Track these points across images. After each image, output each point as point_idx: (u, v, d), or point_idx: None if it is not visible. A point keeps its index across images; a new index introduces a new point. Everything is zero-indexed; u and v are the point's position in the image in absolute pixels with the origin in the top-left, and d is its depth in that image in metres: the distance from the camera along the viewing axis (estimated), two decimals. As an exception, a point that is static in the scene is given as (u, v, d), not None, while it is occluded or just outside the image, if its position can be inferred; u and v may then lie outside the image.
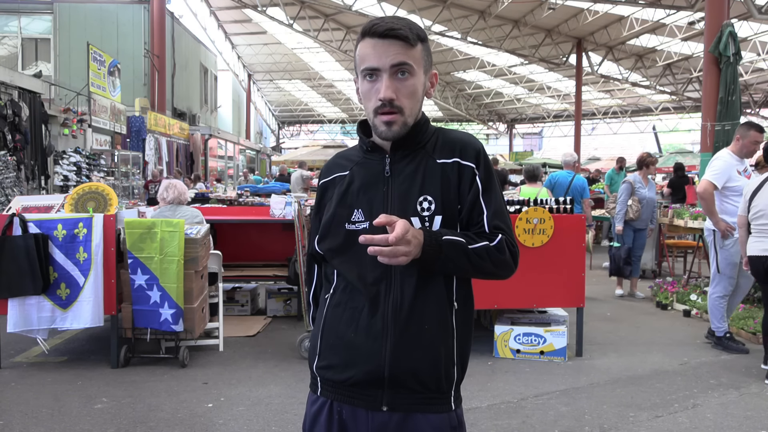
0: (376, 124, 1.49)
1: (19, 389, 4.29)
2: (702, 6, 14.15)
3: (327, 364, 1.56)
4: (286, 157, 27.60)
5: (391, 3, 21.15)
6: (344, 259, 1.54)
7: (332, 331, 1.55)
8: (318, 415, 1.57)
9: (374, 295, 1.49)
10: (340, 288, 1.56)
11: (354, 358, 1.50)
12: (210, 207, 8.43)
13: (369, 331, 1.49)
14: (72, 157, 12.64)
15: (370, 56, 1.47)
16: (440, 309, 1.51)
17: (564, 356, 4.98)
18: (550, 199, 5.24)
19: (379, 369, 1.48)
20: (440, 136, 1.57)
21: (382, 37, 1.46)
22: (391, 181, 1.52)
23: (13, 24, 19.07)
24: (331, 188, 1.60)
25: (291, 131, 49.20)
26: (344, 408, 1.53)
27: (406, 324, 1.48)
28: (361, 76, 1.51)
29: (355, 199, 1.54)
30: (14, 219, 4.55)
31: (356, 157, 1.60)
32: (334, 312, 1.55)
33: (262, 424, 3.70)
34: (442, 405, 1.52)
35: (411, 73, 1.48)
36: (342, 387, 1.53)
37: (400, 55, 1.46)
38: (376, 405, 1.50)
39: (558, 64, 25.11)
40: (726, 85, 8.72)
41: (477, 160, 1.54)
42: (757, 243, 4.54)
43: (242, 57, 33.02)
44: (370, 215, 1.50)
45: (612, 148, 39.54)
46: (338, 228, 1.54)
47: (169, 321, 4.59)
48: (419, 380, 1.49)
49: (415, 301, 1.48)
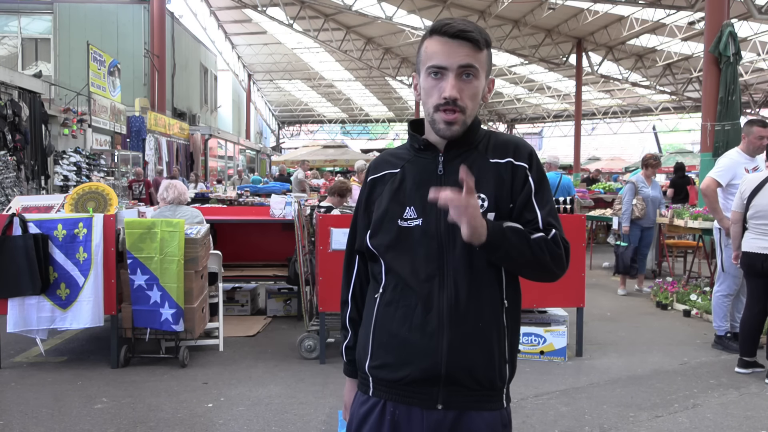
0: (436, 119, 1.51)
1: (19, 389, 4.29)
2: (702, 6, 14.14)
3: (381, 363, 1.54)
4: (286, 157, 27.58)
5: (391, 3, 21.13)
6: (396, 254, 1.54)
7: (384, 330, 1.54)
8: (368, 416, 1.56)
9: (428, 292, 1.49)
10: (390, 286, 1.55)
11: (409, 356, 1.50)
12: (210, 207, 8.44)
13: (424, 329, 1.49)
14: (72, 157, 12.64)
15: (439, 55, 1.49)
16: (493, 307, 1.52)
17: (564, 356, 4.98)
18: None
19: (435, 366, 1.48)
20: (492, 137, 1.60)
21: (453, 37, 1.48)
22: (445, 180, 1.53)
23: (13, 24, 19.07)
24: (380, 185, 1.61)
25: (291, 131, 49.20)
26: (398, 408, 1.53)
27: (461, 321, 1.48)
28: (425, 72, 1.52)
29: (407, 197, 1.55)
30: (14, 219, 4.55)
31: (407, 155, 1.62)
32: (386, 311, 1.55)
33: (262, 424, 3.70)
34: (496, 402, 1.53)
35: (475, 76, 1.50)
36: (397, 386, 1.52)
37: (469, 57, 1.48)
38: (431, 403, 1.50)
39: (558, 64, 25.10)
40: (726, 85, 8.73)
41: (530, 161, 1.57)
42: (755, 240, 4.54)
43: (242, 57, 33.01)
44: (423, 212, 1.52)
45: (612, 148, 39.56)
46: (390, 224, 1.55)
47: (170, 321, 4.59)
48: (475, 378, 1.49)
49: (468, 299, 1.49)
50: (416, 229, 1.52)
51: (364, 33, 26.32)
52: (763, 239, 4.49)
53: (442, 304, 1.48)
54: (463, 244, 1.48)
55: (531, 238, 1.48)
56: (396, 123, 46.23)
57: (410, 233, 1.52)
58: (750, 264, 4.60)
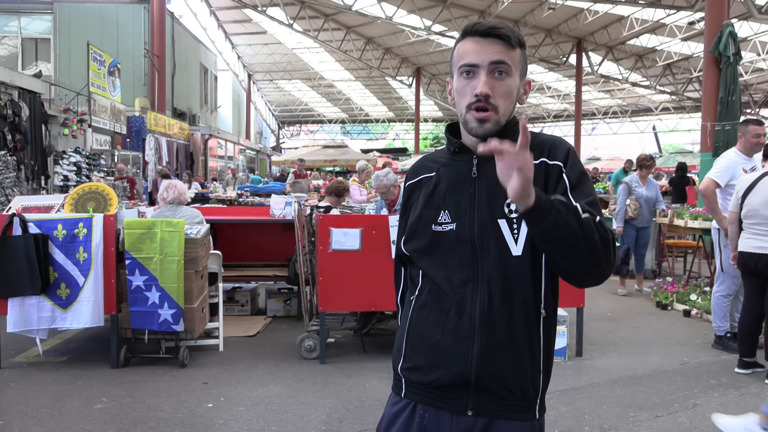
0: (468, 119, 1.48)
1: (19, 389, 4.29)
2: (702, 6, 14.14)
3: (413, 365, 1.54)
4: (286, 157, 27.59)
5: (391, 3, 21.15)
6: (430, 259, 1.53)
7: (418, 333, 1.54)
8: (397, 416, 1.56)
9: (461, 297, 1.47)
10: (425, 290, 1.54)
11: (440, 360, 1.48)
12: (210, 207, 8.44)
13: (456, 333, 1.47)
14: (72, 157, 12.64)
15: (470, 53, 1.47)
16: (528, 315, 1.48)
17: (564, 356, 4.98)
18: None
19: (465, 372, 1.46)
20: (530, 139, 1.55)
21: (484, 35, 1.47)
22: (478, 182, 1.50)
23: (13, 24, 19.07)
24: (417, 190, 1.60)
25: (291, 131, 49.21)
26: (428, 411, 1.52)
27: (493, 328, 1.45)
28: (457, 73, 1.50)
29: (441, 201, 1.53)
30: (14, 219, 4.55)
31: (443, 158, 1.60)
32: (420, 313, 1.54)
33: (262, 424, 3.70)
34: (528, 413, 1.49)
35: (508, 74, 1.47)
36: (427, 389, 1.51)
37: (500, 54, 1.46)
38: (461, 409, 1.48)
39: (558, 64, 25.12)
40: (726, 85, 8.73)
41: (565, 159, 1.50)
42: (749, 240, 4.56)
43: (242, 57, 33.02)
44: (457, 216, 1.49)
45: (612, 148, 39.55)
46: (424, 229, 1.53)
47: (169, 321, 4.59)
48: (505, 386, 1.46)
49: (503, 305, 1.46)
50: (450, 234, 1.50)
51: (364, 33, 26.33)
52: (757, 239, 4.50)
53: (474, 309, 1.46)
54: (498, 250, 1.45)
55: (581, 215, 1.36)
56: (396, 123, 46.26)
57: (444, 238, 1.51)
58: (744, 264, 4.61)
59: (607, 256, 1.38)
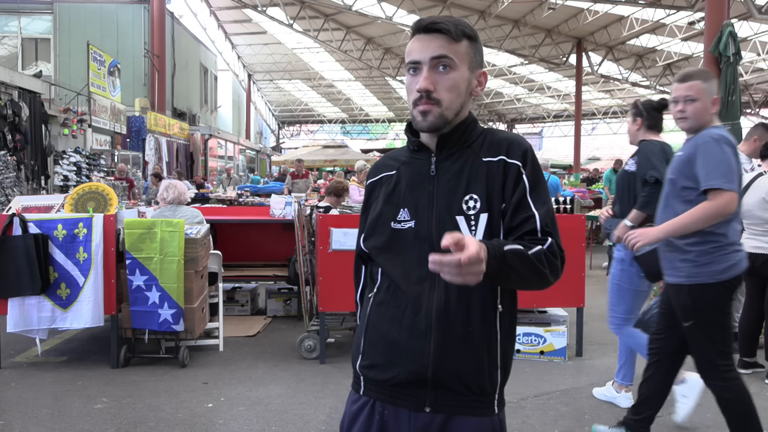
0: (414, 115, 1.50)
1: (19, 389, 4.29)
2: (702, 6, 14.14)
3: (370, 363, 1.55)
4: (286, 157, 27.60)
5: (392, 3, 21.15)
6: (389, 257, 1.53)
7: (375, 330, 1.54)
8: (358, 414, 1.57)
9: (418, 294, 1.48)
10: (384, 287, 1.55)
11: (397, 358, 1.49)
12: (210, 207, 8.44)
13: (412, 331, 1.47)
14: (72, 157, 12.64)
15: (414, 51, 1.50)
16: (484, 310, 1.49)
17: (564, 356, 4.98)
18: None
19: (422, 369, 1.46)
20: (488, 136, 1.56)
21: (426, 31, 1.49)
22: (437, 180, 1.51)
23: (13, 24, 19.07)
24: (378, 188, 1.61)
25: (291, 131, 49.20)
26: (387, 408, 1.52)
27: (450, 324, 1.46)
28: (406, 71, 1.54)
29: (401, 198, 1.54)
30: (14, 219, 4.55)
31: (404, 157, 1.61)
32: (378, 311, 1.55)
33: (262, 424, 3.70)
34: (486, 408, 1.51)
35: (452, 67, 1.48)
36: (385, 387, 1.52)
37: (441, 48, 1.47)
38: (419, 406, 1.49)
39: (558, 64, 25.12)
40: (726, 85, 8.72)
41: (524, 158, 1.51)
42: (747, 240, 4.56)
43: (242, 57, 33.02)
44: (416, 214, 1.50)
45: (612, 148, 39.50)
46: (384, 227, 1.54)
47: (170, 321, 4.59)
48: (463, 382, 1.47)
49: (459, 302, 1.46)
50: (409, 231, 1.50)
51: (364, 33, 26.33)
52: (754, 239, 4.52)
53: (431, 306, 1.46)
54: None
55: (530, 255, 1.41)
56: (396, 123, 46.24)
57: (403, 235, 1.51)
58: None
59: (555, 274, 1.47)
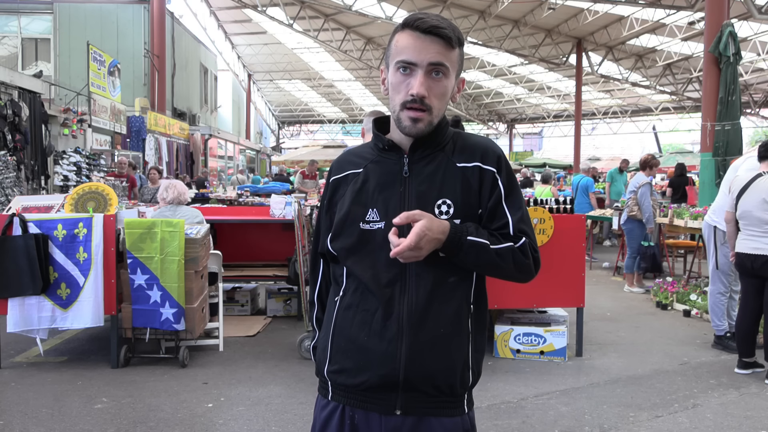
0: (402, 118, 1.46)
1: (19, 389, 4.29)
2: (702, 6, 14.14)
3: (339, 368, 1.53)
4: (286, 157, 27.58)
5: (391, 3, 21.14)
6: (358, 258, 1.50)
7: (343, 335, 1.52)
8: (329, 420, 1.56)
9: (389, 297, 1.46)
10: (350, 290, 1.52)
11: (368, 363, 1.47)
12: (210, 207, 8.43)
13: (383, 335, 1.46)
14: (72, 157, 12.63)
15: (409, 50, 1.44)
16: (456, 311, 1.48)
17: (564, 356, 4.97)
18: (551, 198, 5.32)
19: (394, 373, 1.45)
20: (459, 139, 1.55)
21: (425, 32, 1.43)
22: (409, 182, 1.49)
23: (13, 24, 19.05)
24: (343, 185, 1.56)
25: (291, 131, 49.18)
26: (357, 413, 1.51)
27: (422, 327, 1.45)
28: (394, 67, 1.47)
29: (370, 198, 1.50)
30: (14, 219, 4.55)
31: (370, 155, 1.57)
32: (345, 315, 1.52)
33: (262, 424, 3.70)
34: (456, 408, 1.51)
35: (445, 75, 1.46)
36: (355, 391, 1.51)
37: (440, 55, 1.44)
38: (389, 409, 1.48)
39: (558, 64, 25.11)
40: (726, 85, 8.73)
41: (498, 164, 1.51)
42: (746, 241, 4.59)
43: (242, 57, 33.00)
44: (386, 215, 1.47)
45: (612, 148, 39.59)
46: (352, 227, 1.50)
47: (171, 320, 4.59)
48: (434, 384, 1.47)
49: (431, 304, 1.46)
50: (378, 233, 1.47)
51: (364, 33, 26.31)
52: (752, 240, 4.55)
53: (402, 309, 1.45)
54: None
55: (492, 250, 1.45)
56: (396, 123, 46.10)
57: (372, 236, 1.48)
58: (741, 264, 4.68)
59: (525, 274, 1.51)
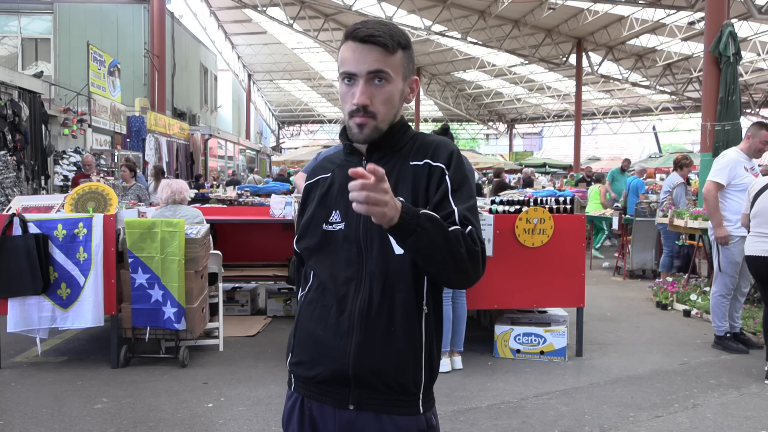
0: (350, 125, 1.52)
1: (19, 389, 4.29)
2: (702, 6, 14.14)
3: (298, 360, 1.59)
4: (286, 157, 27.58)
5: (391, 3, 21.15)
6: (320, 258, 1.57)
7: (303, 329, 1.58)
8: (292, 411, 1.61)
9: (343, 295, 1.51)
10: (314, 287, 1.59)
11: (321, 356, 1.53)
12: (210, 207, 8.43)
13: (336, 330, 1.51)
14: (72, 157, 12.63)
15: (349, 61, 1.48)
16: (408, 312, 1.51)
17: (564, 356, 4.98)
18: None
19: (344, 367, 1.50)
20: (418, 140, 1.59)
21: (362, 42, 1.46)
22: None
23: (13, 24, 19.05)
24: (314, 190, 1.64)
25: (291, 131, 49.19)
26: (313, 404, 1.57)
27: (372, 324, 1.49)
28: (339, 78, 1.53)
29: (333, 201, 1.57)
30: (14, 219, 4.55)
31: (338, 159, 1.64)
32: (307, 310, 1.59)
33: (262, 424, 3.70)
34: (410, 407, 1.53)
35: (387, 80, 1.48)
36: (311, 384, 1.56)
37: (378, 63, 1.46)
38: (342, 403, 1.52)
39: (558, 64, 25.11)
40: (726, 85, 8.72)
41: (448, 161, 1.53)
42: (757, 244, 4.53)
43: (242, 57, 33.00)
44: (346, 216, 1.53)
45: (612, 148, 39.55)
46: (316, 228, 1.58)
47: (172, 319, 4.59)
48: (383, 381, 1.50)
49: (383, 303, 1.49)
50: (339, 233, 1.53)
51: (364, 33, 26.28)
52: (763, 241, 4.48)
53: (354, 306, 1.49)
54: (381, 248, 1.48)
55: (446, 228, 1.41)
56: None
57: (334, 237, 1.54)
58: (754, 267, 4.59)
59: (474, 266, 1.44)
